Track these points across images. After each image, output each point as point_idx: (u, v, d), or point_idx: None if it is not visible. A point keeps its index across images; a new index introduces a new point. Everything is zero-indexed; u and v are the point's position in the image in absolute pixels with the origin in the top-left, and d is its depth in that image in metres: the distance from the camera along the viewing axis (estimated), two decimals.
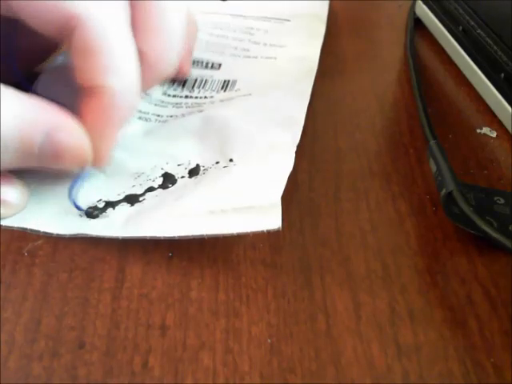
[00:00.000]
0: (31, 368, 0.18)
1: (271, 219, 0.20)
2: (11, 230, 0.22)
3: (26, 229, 0.22)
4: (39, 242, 0.22)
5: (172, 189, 0.24)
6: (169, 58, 0.25)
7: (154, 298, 0.20)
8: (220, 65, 0.32)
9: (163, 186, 0.24)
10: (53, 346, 0.19)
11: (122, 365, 0.18)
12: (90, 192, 0.24)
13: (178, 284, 0.21)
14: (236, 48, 0.33)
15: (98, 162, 0.23)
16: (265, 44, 0.34)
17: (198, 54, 0.32)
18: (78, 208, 0.23)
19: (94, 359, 0.18)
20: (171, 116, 0.28)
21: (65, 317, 0.20)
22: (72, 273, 0.21)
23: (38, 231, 0.22)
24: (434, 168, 0.25)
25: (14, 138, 0.20)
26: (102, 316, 0.20)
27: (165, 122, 0.28)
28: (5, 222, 0.22)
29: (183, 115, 0.28)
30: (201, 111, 0.28)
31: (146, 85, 0.24)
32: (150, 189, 0.24)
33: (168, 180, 0.24)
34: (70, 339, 0.19)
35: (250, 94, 0.29)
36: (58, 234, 0.22)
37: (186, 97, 0.30)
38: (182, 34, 0.25)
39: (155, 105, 0.29)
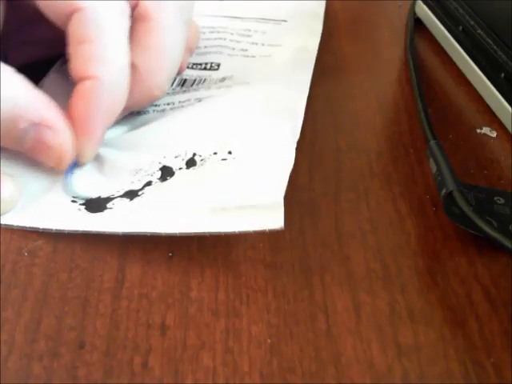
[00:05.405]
0: (31, 368, 0.18)
1: (274, 219, 0.20)
2: (11, 230, 0.22)
3: (25, 227, 0.22)
4: (39, 241, 0.22)
5: (170, 181, 0.24)
6: (159, 77, 0.25)
7: (154, 298, 0.20)
8: (219, 65, 0.32)
9: (161, 179, 0.24)
10: (53, 346, 0.19)
11: (122, 365, 0.18)
12: (88, 190, 0.23)
13: (177, 284, 0.21)
14: (234, 49, 0.33)
15: (80, 158, 0.24)
16: (263, 44, 0.34)
17: (196, 59, 0.32)
18: (73, 192, 0.23)
19: (94, 359, 0.18)
20: (168, 104, 0.28)
21: (65, 317, 0.20)
22: (72, 273, 0.21)
23: (38, 228, 0.22)
24: (434, 168, 0.25)
25: (3, 113, 0.21)
26: (102, 316, 0.20)
27: (162, 111, 0.28)
28: (4, 221, 0.22)
29: (180, 102, 0.28)
30: (199, 101, 0.28)
31: (133, 99, 0.25)
32: (148, 183, 0.24)
33: (166, 173, 0.24)
34: (70, 339, 0.19)
35: (248, 83, 0.29)
36: (57, 230, 0.22)
37: (184, 92, 0.30)
38: (177, 57, 0.26)
39: None
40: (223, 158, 0.24)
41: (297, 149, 0.25)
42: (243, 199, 0.22)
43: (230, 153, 0.24)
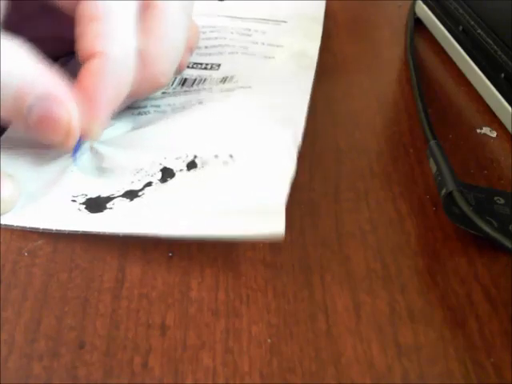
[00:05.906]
0: (31, 368, 0.18)
1: (275, 224, 0.20)
2: (11, 230, 0.22)
3: (25, 227, 0.22)
4: (39, 242, 0.22)
5: (170, 182, 0.24)
6: (164, 64, 0.26)
7: (154, 298, 0.20)
8: (219, 65, 0.32)
9: (162, 180, 0.24)
10: (53, 345, 0.19)
11: (122, 365, 0.18)
12: (88, 189, 0.23)
13: (177, 284, 0.21)
14: (234, 46, 0.33)
15: (86, 134, 0.23)
16: (263, 43, 0.34)
17: (197, 59, 0.32)
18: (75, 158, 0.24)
19: (94, 359, 0.18)
20: (169, 105, 0.28)
21: (65, 317, 0.20)
22: (72, 273, 0.21)
23: (38, 228, 0.22)
24: (434, 168, 0.25)
25: (9, 89, 0.21)
26: (102, 316, 0.20)
27: (163, 112, 0.28)
28: (4, 221, 0.22)
29: (181, 103, 0.28)
30: (200, 103, 0.28)
31: (138, 85, 0.25)
32: (149, 184, 0.24)
33: (166, 174, 0.24)
34: (70, 339, 0.19)
35: (249, 87, 0.29)
36: (57, 230, 0.22)
37: (185, 92, 0.30)
38: (181, 46, 0.26)
39: (154, 99, 0.29)
40: (224, 161, 0.24)
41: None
42: (244, 203, 0.22)
43: (231, 156, 0.24)
